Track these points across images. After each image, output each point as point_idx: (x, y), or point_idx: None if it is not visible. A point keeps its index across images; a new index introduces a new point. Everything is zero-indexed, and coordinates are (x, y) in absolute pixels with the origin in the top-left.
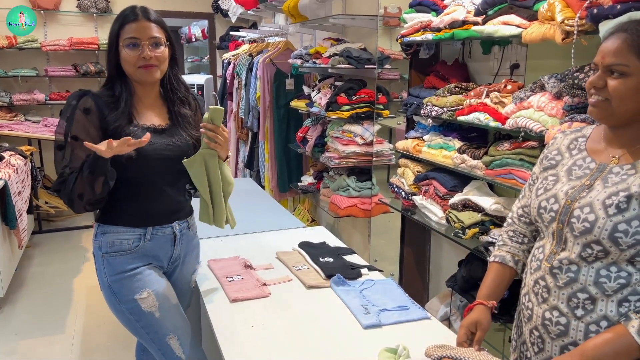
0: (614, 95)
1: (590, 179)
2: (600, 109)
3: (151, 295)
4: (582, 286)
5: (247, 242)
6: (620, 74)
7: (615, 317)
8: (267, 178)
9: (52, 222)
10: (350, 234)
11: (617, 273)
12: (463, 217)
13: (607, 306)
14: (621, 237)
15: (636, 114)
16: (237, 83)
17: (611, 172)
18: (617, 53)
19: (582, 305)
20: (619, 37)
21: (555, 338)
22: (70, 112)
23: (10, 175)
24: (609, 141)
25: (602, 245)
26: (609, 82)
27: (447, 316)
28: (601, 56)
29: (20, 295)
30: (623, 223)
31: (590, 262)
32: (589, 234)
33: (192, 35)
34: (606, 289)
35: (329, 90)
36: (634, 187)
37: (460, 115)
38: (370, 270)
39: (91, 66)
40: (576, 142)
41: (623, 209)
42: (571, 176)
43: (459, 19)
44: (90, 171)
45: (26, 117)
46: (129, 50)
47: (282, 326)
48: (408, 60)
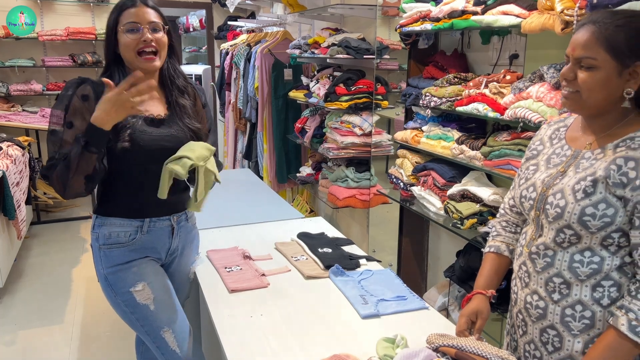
0: (583, 87)
1: (565, 165)
2: (571, 100)
3: (146, 288)
4: (558, 271)
5: (246, 232)
6: (589, 66)
7: (590, 301)
8: (266, 169)
9: (50, 212)
10: (348, 225)
11: (590, 258)
12: (461, 207)
13: (582, 291)
14: (589, 221)
15: (607, 104)
16: (235, 73)
17: (583, 157)
18: (586, 46)
19: (558, 289)
20: (587, 30)
21: (535, 321)
22: (68, 98)
23: (8, 166)
24: (584, 129)
25: (573, 229)
26: (578, 74)
27: (445, 306)
28: (571, 48)
29: (20, 286)
30: (590, 207)
31: (565, 247)
32: (560, 219)
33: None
34: (579, 274)
35: (327, 80)
36: (600, 171)
37: (459, 106)
38: (368, 260)
39: (88, 56)
40: (557, 132)
41: (590, 192)
42: (549, 164)
43: (458, 8)
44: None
45: (23, 107)
46: (129, 34)
47: (280, 316)
48: (407, 51)
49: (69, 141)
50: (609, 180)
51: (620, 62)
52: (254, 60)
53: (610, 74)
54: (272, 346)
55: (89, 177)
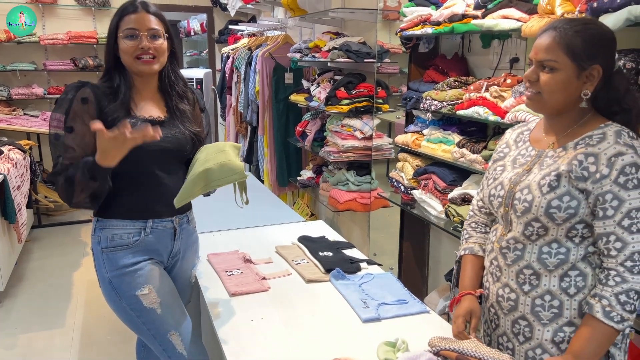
0: (545, 88)
1: (531, 164)
2: (533, 101)
3: (152, 292)
4: (527, 263)
5: (247, 236)
6: (551, 69)
7: (558, 291)
8: (267, 172)
9: (51, 216)
10: (349, 228)
11: (557, 249)
12: (462, 211)
13: (550, 281)
14: (555, 212)
15: (566, 105)
16: (236, 77)
17: (547, 156)
18: (548, 49)
19: (528, 280)
20: (549, 35)
21: (507, 313)
22: (68, 102)
23: (9, 169)
24: (546, 130)
25: (541, 222)
26: (541, 76)
27: (445, 310)
28: (534, 52)
29: (20, 290)
30: (555, 199)
31: (533, 240)
32: (528, 212)
33: (191, 29)
34: (548, 265)
35: (328, 84)
36: (562, 166)
37: (459, 110)
38: (369, 264)
39: (90, 60)
40: (522, 135)
41: (554, 186)
42: (515, 165)
43: (459, 12)
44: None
45: (25, 111)
46: (128, 41)
47: (281, 320)
48: (407, 54)
49: (71, 146)
50: (571, 175)
51: (578, 65)
52: (254, 64)
53: (570, 76)
54: (273, 350)
55: (93, 195)
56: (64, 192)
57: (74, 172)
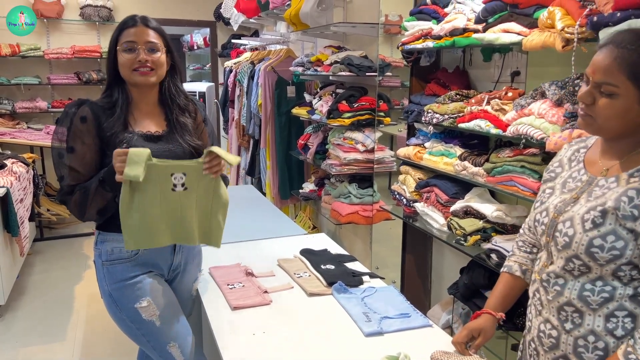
0: (601, 114)
1: (579, 192)
2: (586, 122)
3: (151, 304)
4: (568, 299)
5: (249, 249)
6: (609, 94)
7: (603, 332)
8: (269, 185)
9: (53, 229)
10: (351, 241)
11: (601, 287)
12: (464, 224)
13: (595, 321)
14: (597, 252)
15: (624, 131)
16: (239, 90)
17: (597, 185)
18: (607, 71)
19: (570, 318)
20: (610, 53)
21: (547, 351)
22: (68, 122)
23: (12, 182)
24: (603, 152)
25: (582, 260)
26: (597, 100)
27: (449, 324)
28: (592, 70)
29: (22, 303)
30: (598, 238)
31: (576, 275)
32: (568, 248)
33: (194, 43)
34: (590, 303)
35: (330, 97)
36: (610, 201)
37: (461, 123)
38: (371, 277)
39: (93, 74)
40: (577, 153)
41: (598, 223)
42: (564, 189)
43: (460, 26)
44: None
45: (28, 124)
46: (126, 54)
47: (283, 334)
48: (409, 68)
49: (74, 167)
50: (618, 212)
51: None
52: (257, 78)
53: (631, 103)
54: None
55: (102, 209)
56: (77, 209)
57: (85, 191)
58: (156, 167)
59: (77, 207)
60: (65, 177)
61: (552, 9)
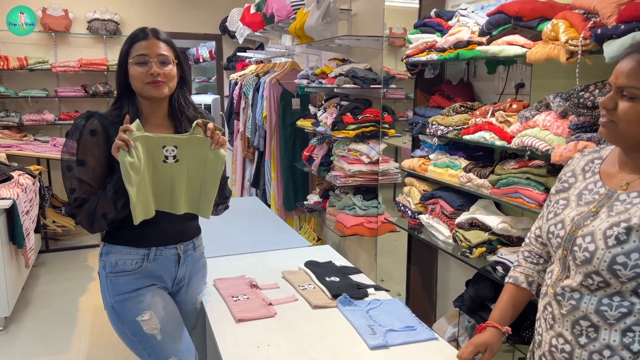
0: (622, 118)
1: (598, 205)
2: (608, 130)
3: (153, 318)
4: (584, 314)
5: (253, 261)
6: (631, 97)
7: (619, 347)
8: (273, 197)
9: (58, 241)
10: (356, 253)
11: (619, 302)
12: (470, 236)
13: (611, 335)
14: (620, 270)
15: None
16: (244, 103)
17: (618, 199)
18: (630, 75)
19: (585, 333)
20: (633, 59)
21: None
22: (78, 135)
23: (19, 194)
24: (622, 165)
25: (602, 277)
26: (619, 104)
27: (454, 337)
28: (615, 76)
29: (26, 315)
30: (622, 255)
31: (592, 290)
32: (589, 264)
33: (200, 56)
34: (608, 317)
35: (334, 109)
36: (635, 218)
37: (465, 134)
38: (376, 290)
39: (100, 87)
40: (592, 164)
41: (622, 240)
42: (580, 201)
43: (464, 39)
44: (115, 191)
45: (35, 137)
46: (138, 67)
47: (287, 346)
48: (413, 80)
49: (85, 180)
50: None
51: None
52: (262, 90)
53: None
54: None
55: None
56: (87, 221)
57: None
58: (149, 139)
59: (87, 218)
60: (76, 190)
61: (556, 22)
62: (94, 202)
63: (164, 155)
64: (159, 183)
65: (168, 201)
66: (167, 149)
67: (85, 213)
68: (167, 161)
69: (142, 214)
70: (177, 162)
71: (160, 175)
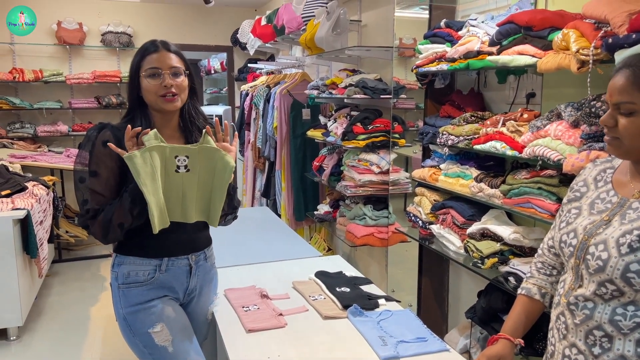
0: (625, 134)
1: (610, 214)
2: (614, 147)
3: (165, 329)
4: (598, 323)
5: (264, 271)
6: (628, 112)
7: (634, 357)
8: (284, 207)
9: (71, 251)
10: (367, 264)
11: (633, 312)
12: (481, 246)
13: (625, 345)
14: (634, 278)
15: None
16: (255, 113)
17: (630, 207)
18: (622, 91)
19: (599, 343)
20: (623, 74)
21: None
22: (90, 146)
23: (32, 204)
24: (633, 174)
25: (616, 285)
26: (619, 120)
27: (466, 348)
28: (609, 94)
29: (39, 324)
30: (635, 263)
31: (606, 299)
32: (602, 272)
33: (211, 67)
34: (622, 327)
35: (345, 119)
36: None
37: (476, 144)
38: (387, 300)
39: (113, 98)
40: (604, 174)
41: (636, 248)
42: (592, 210)
43: (474, 49)
44: (132, 199)
45: (49, 147)
46: (151, 80)
47: (298, 357)
48: (423, 90)
49: (98, 191)
50: None
51: None
52: (273, 101)
53: None
54: None
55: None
56: (101, 232)
57: (110, 212)
58: (164, 149)
59: (101, 229)
60: (89, 201)
61: (567, 31)
62: (110, 212)
63: (176, 165)
64: (171, 192)
65: (179, 210)
66: (180, 159)
67: (100, 223)
68: (179, 171)
69: (160, 222)
70: (188, 172)
71: (172, 185)
